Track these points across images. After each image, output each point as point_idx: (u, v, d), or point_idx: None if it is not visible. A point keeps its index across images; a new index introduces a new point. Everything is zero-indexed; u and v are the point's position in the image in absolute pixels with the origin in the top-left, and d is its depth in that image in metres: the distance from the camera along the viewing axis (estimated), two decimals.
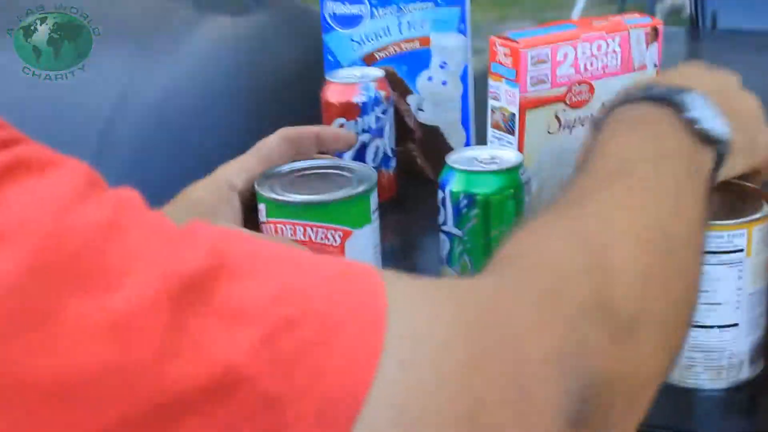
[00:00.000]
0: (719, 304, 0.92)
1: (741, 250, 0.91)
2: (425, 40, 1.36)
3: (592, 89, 1.12)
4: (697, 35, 2.17)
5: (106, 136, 1.20)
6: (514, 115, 1.10)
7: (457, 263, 1.04)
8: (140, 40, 1.15)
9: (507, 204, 1.01)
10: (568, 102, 1.12)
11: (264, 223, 1.02)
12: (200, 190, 1.07)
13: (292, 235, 1.00)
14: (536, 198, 1.11)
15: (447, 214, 1.03)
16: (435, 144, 1.38)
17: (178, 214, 1.03)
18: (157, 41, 1.33)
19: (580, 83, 1.12)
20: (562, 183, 1.10)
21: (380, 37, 1.36)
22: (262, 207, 1.02)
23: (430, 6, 1.34)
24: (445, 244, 1.04)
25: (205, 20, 1.38)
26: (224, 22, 1.43)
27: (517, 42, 1.08)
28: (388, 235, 1.15)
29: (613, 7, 5.02)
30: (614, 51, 1.13)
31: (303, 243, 0.99)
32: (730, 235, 0.91)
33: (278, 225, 1.00)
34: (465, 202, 1.00)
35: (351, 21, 1.35)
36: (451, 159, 1.03)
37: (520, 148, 1.11)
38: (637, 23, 1.15)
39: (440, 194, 1.03)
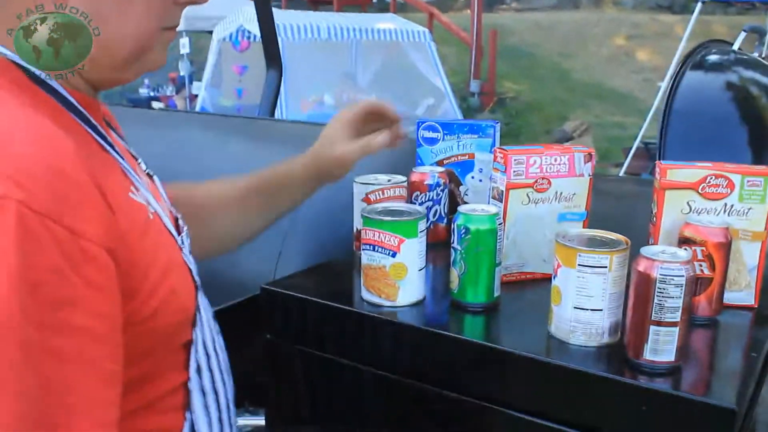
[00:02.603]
0: (592, 297, 0.94)
1: (605, 267, 0.94)
2: (472, 155, 1.40)
3: (549, 183, 1.16)
4: None
5: None
6: (503, 191, 1.15)
7: (457, 266, 1.08)
8: None
9: (487, 234, 1.06)
10: (534, 188, 1.15)
11: (362, 228, 1.10)
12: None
13: (373, 235, 1.07)
14: (512, 241, 1.17)
15: (454, 237, 1.08)
16: None
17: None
18: None
19: (542, 178, 1.15)
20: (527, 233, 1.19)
21: (447, 151, 1.41)
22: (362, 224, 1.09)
23: (476, 137, 1.39)
24: (453, 254, 1.09)
25: None
26: None
27: (508, 151, 1.14)
28: (436, 256, 1.23)
29: None
30: (564, 163, 1.16)
31: (377, 242, 1.07)
32: (600, 257, 0.94)
33: (368, 230, 1.08)
34: (464, 230, 1.06)
35: (431, 141, 1.41)
36: (460, 207, 1.10)
37: (505, 212, 1.14)
38: (579, 149, 1.17)
39: (452, 226, 1.08)
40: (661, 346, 0.90)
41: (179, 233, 0.90)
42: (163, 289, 0.75)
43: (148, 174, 0.94)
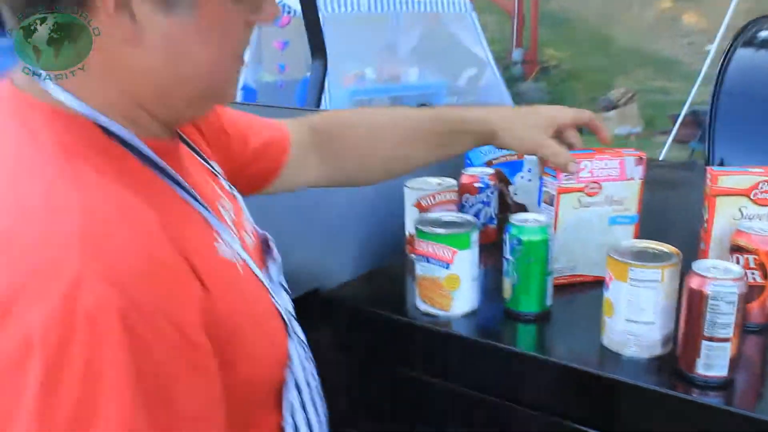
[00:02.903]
0: (644, 309, 0.96)
1: (657, 281, 0.95)
2: (521, 155, 1.41)
3: (600, 187, 1.16)
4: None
5: None
6: (554, 196, 1.16)
7: (509, 276, 1.10)
8: None
9: (538, 245, 1.08)
10: (585, 192, 1.16)
11: (415, 239, 1.12)
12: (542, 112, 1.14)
13: (427, 248, 1.10)
14: (563, 245, 1.18)
15: (506, 248, 1.10)
16: None
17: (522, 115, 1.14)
18: None
19: (593, 182, 1.16)
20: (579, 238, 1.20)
21: (496, 151, 1.43)
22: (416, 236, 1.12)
23: None
24: (505, 264, 1.11)
25: None
26: None
27: None
28: (487, 258, 1.21)
29: None
30: (614, 167, 1.16)
31: (431, 254, 1.10)
32: (652, 272, 0.95)
33: (421, 242, 1.11)
34: (516, 241, 1.08)
35: None
36: (512, 217, 1.11)
37: (556, 216, 1.16)
38: (630, 153, 1.17)
39: (504, 236, 1.10)
40: (713, 361, 0.91)
41: (267, 253, 0.90)
42: (257, 351, 0.75)
43: (231, 193, 0.93)
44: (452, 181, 1.36)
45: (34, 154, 0.65)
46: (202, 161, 0.90)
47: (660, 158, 6.81)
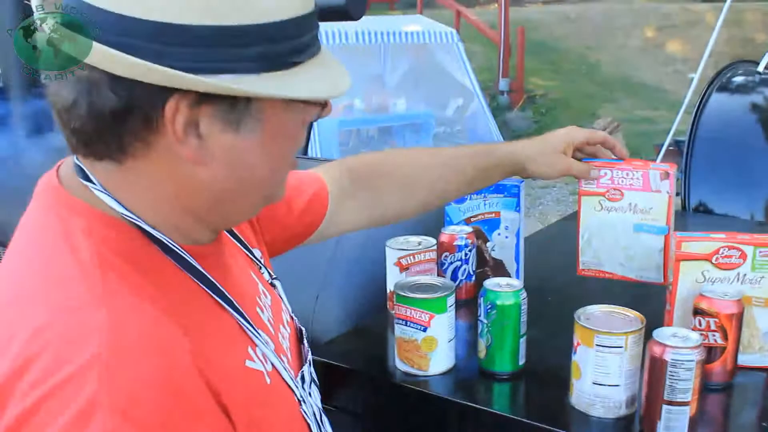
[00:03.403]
0: (609, 374, 1.01)
1: (621, 347, 1.01)
2: (498, 213, 1.46)
3: (622, 194, 1.24)
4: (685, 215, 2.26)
5: None
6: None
7: (484, 337, 1.15)
8: None
9: (511, 309, 1.13)
10: (606, 197, 1.25)
11: (394, 304, 1.19)
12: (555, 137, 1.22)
13: (405, 311, 1.16)
14: (587, 241, 1.28)
15: (481, 311, 1.15)
16: (499, 270, 1.47)
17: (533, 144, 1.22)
18: None
19: (615, 189, 1.25)
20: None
21: (474, 209, 1.47)
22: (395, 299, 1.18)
23: (501, 196, 1.45)
24: (480, 326, 1.16)
25: None
26: None
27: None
28: (465, 313, 1.30)
29: None
30: (637, 178, 1.23)
31: (409, 318, 1.15)
32: (616, 338, 1.01)
33: (400, 306, 1.16)
34: (489, 306, 1.13)
35: (459, 200, 1.46)
36: (486, 282, 1.16)
37: (578, 216, 1.28)
38: (656, 167, 1.23)
39: (479, 300, 1.15)
40: (673, 423, 0.97)
41: (302, 344, 0.90)
42: None
43: (271, 282, 0.92)
44: (432, 240, 1.42)
45: (70, 263, 0.65)
46: (245, 250, 0.90)
47: None
